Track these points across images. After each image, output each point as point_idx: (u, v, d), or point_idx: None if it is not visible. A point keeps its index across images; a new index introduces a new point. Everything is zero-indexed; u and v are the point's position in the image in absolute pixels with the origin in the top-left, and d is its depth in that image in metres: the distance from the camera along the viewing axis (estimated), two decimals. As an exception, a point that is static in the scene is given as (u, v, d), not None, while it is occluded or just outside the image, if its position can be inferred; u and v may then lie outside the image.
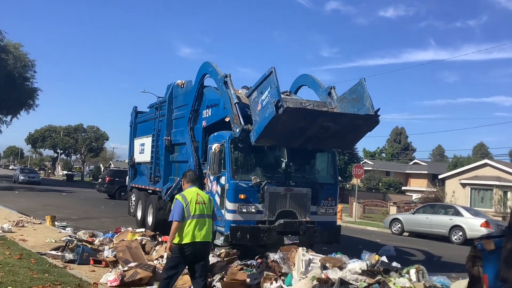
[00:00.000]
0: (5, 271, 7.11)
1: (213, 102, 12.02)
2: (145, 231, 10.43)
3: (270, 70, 9.64)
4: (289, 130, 9.83)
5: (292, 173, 10.89)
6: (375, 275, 6.12)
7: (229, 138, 10.47)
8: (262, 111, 9.69)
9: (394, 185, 60.58)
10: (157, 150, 15.37)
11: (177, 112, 14.38)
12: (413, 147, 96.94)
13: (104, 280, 7.35)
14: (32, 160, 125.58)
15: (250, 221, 10.14)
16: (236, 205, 10.07)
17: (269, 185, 10.28)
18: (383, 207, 31.85)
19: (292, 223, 10.32)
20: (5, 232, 11.65)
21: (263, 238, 10.12)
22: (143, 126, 17.77)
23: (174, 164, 14.34)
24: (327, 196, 11.12)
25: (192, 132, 12.77)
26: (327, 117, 10.15)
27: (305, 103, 11.17)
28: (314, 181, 11.21)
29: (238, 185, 10.14)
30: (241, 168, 10.56)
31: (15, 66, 44.72)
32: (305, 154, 11.49)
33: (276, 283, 6.45)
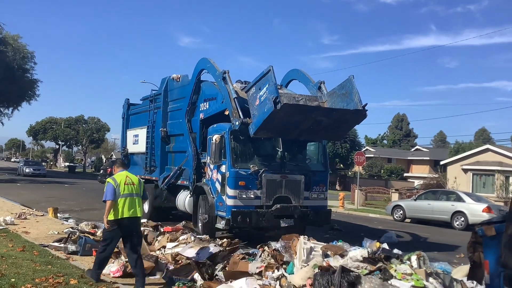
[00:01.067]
0: (8, 263, 7.14)
1: (210, 96, 12.82)
2: (146, 221, 10.46)
3: (268, 69, 10.47)
4: (285, 124, 10.65)
5: (287, 162, 11.74)
6: (376, 262, 6.12)
7: (229, 129, 11.26)
8: (260, 106, 10.53)
9: (396, 172, 60.64)
10: (153, 141, 16.00)
11: (173, 105, 15.08)
12: (414, 134, 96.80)
13: (107, 271, 7.37)
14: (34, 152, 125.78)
15: (249, 206, 11.01)
16: (237, 192, 10.93)
17: (266, 173, 11.14)
18: (385, 194, 31.86)
19: (287, 207, 11.25)
20: (7, 225, 11.69)
21: (262, 221, 11.02)
22: (136, 117, 18.37)
23: (170, 154, 15.15)
24: (318, 182, 12.08)
25: (190, 124, 13.55)
26: (320, 112, 11.09)
27: (298, 98, 11.81)
28: (307, 169, 12.10)
29: (238, 173, 10.99)
30: (240, 157, 11.40)
31: (14, 58, 44.59)
32: (299, 145, 12.50)
33: (278, 272, 6.47)
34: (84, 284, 6.45)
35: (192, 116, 13.63)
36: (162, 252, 8.33)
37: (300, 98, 11.87)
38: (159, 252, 8.35)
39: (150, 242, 8.86)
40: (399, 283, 5.65)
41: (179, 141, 14.48)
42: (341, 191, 44.87)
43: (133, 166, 18.27)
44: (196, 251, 7.72)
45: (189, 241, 8.47)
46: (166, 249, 8.38)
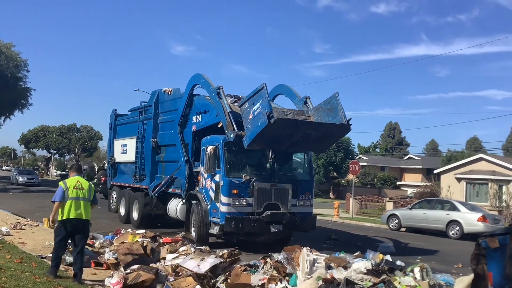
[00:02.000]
0: (7, 275, 7.04)
1: (203, 109, 13.60)
2: (145, 232, 10.36)
3: (262, 86, 11.24)
4: (277, 136, 11.56)
5: (276, 171, 12.70)
6: (380, 275, 6.11)
7: (223, 141, 12.11)
8: (254, 120, 11.31)
9: (389, 180, 60.78)
10: (142, 151, 16.72)
11: (164, 116, 15.82)
12: (407, 142, 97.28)
13: (107, 283, 7.33)
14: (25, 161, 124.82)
15: (242, 212, 11.89)
16: (230, 199, 11.81)
17: (258, 182, 11.99)
18: (380, 203, 31.90)
19: (277, 214, 12.16)
20: (3, 235, 11.58)
21: (253, 227, 11.91)
22: (124, 128, 19.06)
23: (160, 164, 15.85)
24: (304, 190, 13.00)
25: (182, 135, 14.27)
26: (309, 126, 12.11)
27: (286, 112, 12.50)
28: (294, 178, 13.01)
29: (232, 182, 11.85)
30: (233, 167, 12.27)
31: (7, 66, 44.38)
32: (287, 155, 13.45)
33: (281, 284, 6.44)
34: (85, 296, 6.38)
35: (185, 128, 14.32)
36: (162, 263, 8.26)
37: (289, 112, 12.58)
38: (159, 263, 8.29)
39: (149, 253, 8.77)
40: (403, 295, 5.65)
41: (170, 151, 15.09)
42: (335, 199, 44.94)
43: (121, 175, 19.18)
44: (197, 263, 7.66)
45: (189, 252, 8.41)
46: (166, 260, 8.31)
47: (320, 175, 55.31)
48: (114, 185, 19.39)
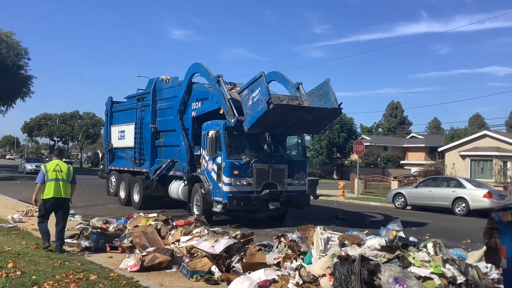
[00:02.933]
0: (25, 261, 7.17)
1: (203, 96, 14.45)
2: (157, 215, 10.50)
3: (260, 74, 12.14)
4: (275, 121, 12.46)
5: (273, 153, 13.72)
6: (394, 251, 6.20)
7: (224, 125, 13.01)
8: (253, 106, 12.17)
9: (392, 160, 60.87)
10: (141, 136, 17.58)
11: (162, 104, 16.64)
12: (409, 121, 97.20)
13: (124, 265, 7.44)
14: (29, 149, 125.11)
15: (243, 191, 12.90)
16: (232, 179, 12.81)
17: (256, 163, 13.05)
18: (384, 182, 32.02)
19: (274, 192, 13.23)
20: (16, 222, 11.72)
21: (253, 204, 13.04)
22: (121, 114, 19.83)
23: (160, 149, 16.74)
24: (299, 170, 14.06)
25: (181, 121, 15.07)
26: (304, 110, 13.06)
27: (281, 98, 13.42)
28: (289, 159, 14.14)
29: (233, 163, 12.84)
30: (234, 150, 13.19)
31: (8, 55, 44.32)
32: (282, 138, 14.52)
33: (296, 262, 6.55)
34: (104, 279, 6.49)
35: (184, 114, 15.12)
36: (177, 245, 8.38)
37: (284, 98, 13.50)
38: (174, 245, 8.41)
39: (164, 236, 8.89)
40: (418, 270, 5.74)
41: (170, 136, 15.98)
42: (339, 180, 45.08)
43: (119, 160, 20.11)
44: (211, 244, 7.77)
45: (202, 234, 8.53)
46: (181, 242, 8.43)
47: (324, 156, 55.40)
48: (112, 169, 20.16)
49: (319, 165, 57.62)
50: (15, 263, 6.88)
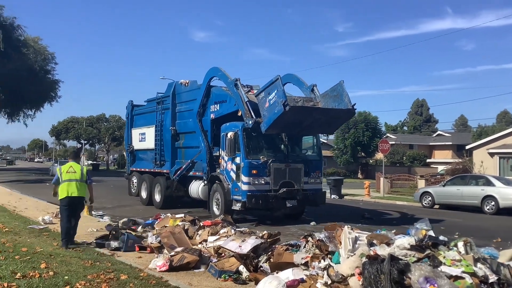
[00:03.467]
0: (57, 261, 7.32)
1: (221, 99, 14.97)
2: (184, 216, 10.60)
3: (277, 77, 12.73)
4: (291, 122, 12.94)
5: (290, 153, 14.30)
6: (424, 250, 6.12)
7: (242, 127, 13.52)
8: (270, 108, 12.69)
9: (418, 158, 60.01)
10: (161, 138, 18.18)
11: (181, 106, 17.24)
12: (435, 119, 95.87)
13: (153, 265, 7.52)
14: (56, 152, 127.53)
15: (261, 190, 13.43)
16: (250, 179, 13.34)
17: (274, 162, 13.54)
18: (411, 181, 31.62)
19: (291, 190, 13.70)
20: (46, 224, 11.97)
21: (271, 202, 13.56)
22: (142, 117, 20.55)
23: (179, 150, 17.29)
24: (315, 169, 14.60)
25: (201, 123, 15.61)
26: (319, 112, 13.57)
27: (297, 99, 13.88)
28: (305, 158, 14.65)
29: (251, 163, 13.38)
30: (252, 150, 13.71)
31: (36, 60, 45.18)
32: (298, 138, 15.02)
33: (324, 261, 6.52)
34: (134, 278, 6.58)
35: (203, 116, 15.66)
36: (204, 245, 8.44)
37: (299, 99, 13.98)
38: (201, 245, 8.47)
39: (191, 236, 8.97)
40: (449, 269, 5.65)
41: (189, 138, 16.54)
42: (364, 179, 44.66)
43: (139, 161, 20.80)
44: (238, 244, 7.81)
45: (229, 234, 8.57)
46: (208, 242, 8.49)
47: (348, 155, 54.97)
48: (133, 170, 20.91)
49: (343, 164, 57.23)
50: (48, 263, 7.02)
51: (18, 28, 37.87)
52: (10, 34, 35.92)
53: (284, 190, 13.54)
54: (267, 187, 13.55)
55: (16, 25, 37.39)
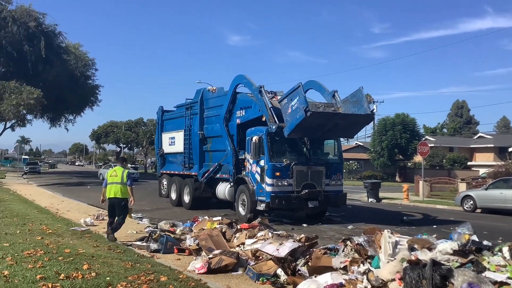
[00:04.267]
0: (99, 263, 7.48)
1: (246, 105, 15.64)
2: (222, 219, 10.67)
3: (298, 85, 13.42)
4: (312, 126, 13.53)
5: (311, 156, 14.92)
6: (467, 255, 5.97)
7: (266, 131, 14.23)
8: (292, 113, 13.36)
9: (459, 161, 58.50)
10: (190, 142, 18.90)
11: (208, 112, 18.00)
12: (476, 120, 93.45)
13: (192, 267, 7.60)
14: (96, 156, 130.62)
15: (284, 191, 14.10)
16: (274, 180, 14.04)
17: (296, 165, 14.25)
18: (451, 184, 30.83)
19: (313, 192, 14.38)
20: (88, 226, 12.26)
21: (294, 203, 14.24)
22: (171, 122, 21.26)
23: (207, 153, 18.05)
24: (336, 172, 15.28)
25: (227, 128, 16.30)
26: (339, 117, 14.08)
27: (318, 105, 14.18)
28: (326, 161, 15.26)
29: (275, 166, 14.11)
30: (275, 153, 14.37)
31: (77, 66, 46.52)
32: (320, 142, 15.64)
33: (363, 266, 6.44)
34: (173, 280, 6.66)
35: (229, 121, 16.33)
36: (242, 248, 8.47)
37: (320, 105, 14.32)
38: (239, 248, 8.50)
39: (229, 239, 9.02)
40: (493, 275, 5.49)
41: (216, 142, 17.30)
42: (402, 182, 43.85)
43: (169, 164, 21.53)
44: (276, 247, 7.80)
45: (267, 237, 8.57)
46: (245, 245, 8.52)
47: (385, 158, 54.12)
48: (164, 173, 21.69)
49: (380, 167, 56.38)
50: (90, 265, 7.19)
51: (59, 35, 39.20)
52: (51, 41, 37.19)
53: (306, 191, 14.21)
54: (290, 188, 14.21)
55: (57, 32, 38.70)
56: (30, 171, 58.39)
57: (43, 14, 36.87)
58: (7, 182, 34.64)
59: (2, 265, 6.95)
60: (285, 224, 14.32)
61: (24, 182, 37.63)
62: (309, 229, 13.19)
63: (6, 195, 21.18)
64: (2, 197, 20.05)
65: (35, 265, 6.95)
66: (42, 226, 11.46)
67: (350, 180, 57.06)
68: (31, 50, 34.95)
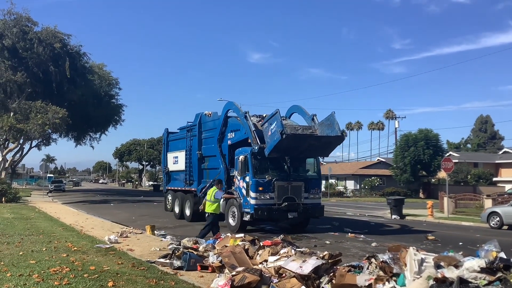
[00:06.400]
0: (123, 279, 7.53)
1: (235, 128, 17.67)
2: (244, 236, 10.62)
3: (276, 111, 15.40)
4: (288, 147, 15.44)
5: (292, 173, 16.66)
6: (495, 273, 5.84)
7: (250, 151, 16.10)
8: (271, 135, 15.35)
9: (484, 177, 57.36)
10: (190, 161, 20.84)
11: (206, 134, 19.95)
12: (500, 135, 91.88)
13: (215, 285, 7.58)
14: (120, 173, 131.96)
15: (266, 204, 15.87)
16: (257, 194, 15.82)
17: (277, 181, 16.05)
18: (476, 201, 30.25)
19: (293, 204, 16.06)
20: (112, 243, 12.33)
21: (275, 214, 16.01)
22: (175, 143, 23.30)
23: (205, 171, 19.90)
24: (314, 186, 17.04)
25: (220, 148, 18.20)
26: (312, 138, 15.97)
27: (297, 128, 16.27)
28: (305, 177, 16.97)
29: (258, 182, 15.87)
30: (259, 171, 16.15)
31: (101, 85, 47.41)
32: (300, 160, 17.38)
33: (388, 284, 6.34)
34: (197, 298, 6.67)
35: (222, 142, 18.26)
36: (265, 265, 8.41)
37: (299, 128, 16.31)
38: (262, 265, 8.45)
39: (251, 256, 8.97)
40: (523, 293, 5.37)
41: (212, 161, 19.16)
42: (426, 199, 43.17)
43: (173, 181, 23.41)
44: (299, 264, 7.73)
45: (290, 254, 8.51)
46: (268, 262, 8.45)
47: (408, 174, 53.45)
48: (169, 189, 23.52)
49: (403, 183, 55.67)
50: (115, 282, 7.25)
51: (83, 56, 39.98)
52: (76, 61, 37.99)
53: (286, 203, 15.91)
54: (272, 201, 15.93)
55: (82, 53, 39.48)
56: (55, 189, 59.39)
57: (68, 35, 37.75)
58: (33, 200, 35.22)
59: (29, 282, 7.05)
60: (307, 240, 14.24)
61: (49, 200, 38.20)
62: (332, 246, 13.10)
63: (32, 213, 21.51)
64: (28, 215, 20.37)
65: (61, 282, 7.04)
66: (67, 244, 11.59)
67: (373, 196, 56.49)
68: (56, 70, 35.71)
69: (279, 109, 15.40)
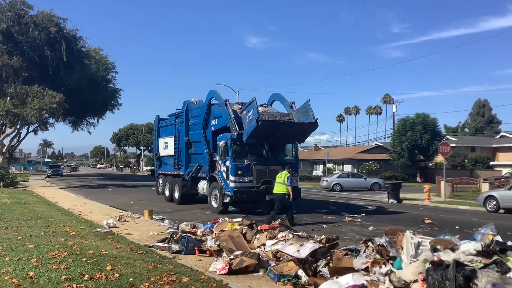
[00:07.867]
0: (122, 264, 7.56)
1: (218, 115, 18.43)
2: (242, 220, 10.70)
3: (253, 99, 16.10)
4: (264, 133, 16.30)
5: (270, 157, 17.40)
6: (491, 256, 5.87)
7: (230, 137, 16.86)
8: (249, 122, 16.06)
9: (481, 161, 57.56)
10: (179, 147, 21.68)
11: (192, 120, 20.74)
12: (498, 120, 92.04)
13: (213, 268, 7.64)
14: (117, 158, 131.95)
15: (245, 187, 16.66)
16: (236, 178, 16.61)
17: (256, 165, 16.83)
18: (473, 185, 30.38)
19: (270, 187, 15.76)
20: (110, 228, 12.37)
21: (253, 196, 16.76)
22: (165, 129, 24.25)
23: (192, 156, 20.85)
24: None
25: (205, 134, 18.98)
26: (287, 125, 16.77)
27: (275, 114, 17.14)
28: (283, 162, 17.22)
29: (237, 166, 16.69)
30: (238, 155, 16.95)
31: (97, 70, 47.08)
32: (278, 145, 18.00)
33: (385, 267, 6.38)
34: (195, 281, 6.70)
35: (206, 129, 19.06)
36: (262, 249, 8.48)
37: (277, 114, 17.22)
38: (259, 249, 8.52)
39: (249, 240, 9.03)
40: (518, 276, 5.40)
41: (197, 146, 20.07)
42: (423, 183, 43.33)
43: (164, 165, 24.50)
44: (297, 248, 7.79)
45: (287, 238, 8.57)
46: (266, 246, 8.52)
47: (405, 158, 53.55)
48: (160, 173, 24.66)
49: (401, 168, 55.81)
50: (113, 265, 7.28)
51: (80, 40, 39.57)
52: (72, 45, 37.61)
53: (264, 186, 16.52)
54: (250, 184, 16.70)
55: (78, 37, 39.09)
56: (52, 174, 59.46)
57: (64, 19, 37.36)
58: (31, 184, 35.27)
59: (28, 266, 7.09)
60: (304, 224, 14.32)
61: (47, 184, 38.26)
62: (329, 230, 13.18)
63: (30, 198, 21.55)
64: (26, 199, 20.41)
65: (60, 266, 7.07)
66: (66, 228, 11.63)
67: (370, 181, 56.60)
68: (52, 54, 35.40)
69: (255, 97, 16.11)
